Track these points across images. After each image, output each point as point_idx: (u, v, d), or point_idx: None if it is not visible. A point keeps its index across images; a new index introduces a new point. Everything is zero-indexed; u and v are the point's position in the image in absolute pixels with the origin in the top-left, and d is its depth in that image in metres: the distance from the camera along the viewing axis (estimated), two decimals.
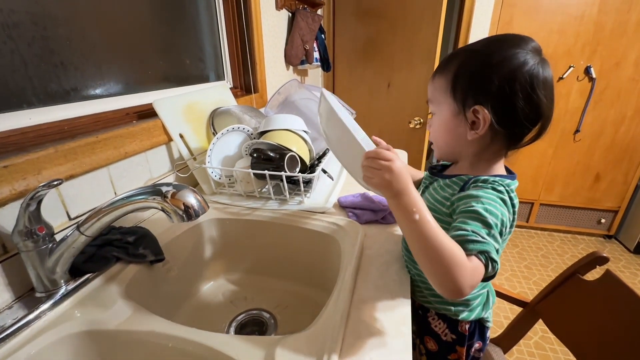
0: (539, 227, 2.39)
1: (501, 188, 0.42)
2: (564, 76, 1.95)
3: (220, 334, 0.42)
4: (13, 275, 0.45)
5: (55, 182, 0.39)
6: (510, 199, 0.43)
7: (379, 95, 2.09)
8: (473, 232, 0.37)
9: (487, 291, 0.56)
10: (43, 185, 0.39)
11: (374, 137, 0.59)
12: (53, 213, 0.51)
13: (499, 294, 0.91)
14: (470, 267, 0.35)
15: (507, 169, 0.50)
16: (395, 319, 0.44)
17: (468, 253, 0.36)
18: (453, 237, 0.37)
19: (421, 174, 0.64)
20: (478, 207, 0.39)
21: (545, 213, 2.34)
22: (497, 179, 0.44)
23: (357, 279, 0.52)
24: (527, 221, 2.38)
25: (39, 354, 0.40)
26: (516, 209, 0.44)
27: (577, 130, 2.06)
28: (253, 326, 0.66)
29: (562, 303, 0.79)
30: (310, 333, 0.41)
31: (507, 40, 0.43)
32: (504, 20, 1.94)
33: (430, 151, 2.08)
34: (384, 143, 0.58)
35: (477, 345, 0.56)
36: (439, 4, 1.70)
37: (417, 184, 0.61)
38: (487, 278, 0.38)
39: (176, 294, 0.65)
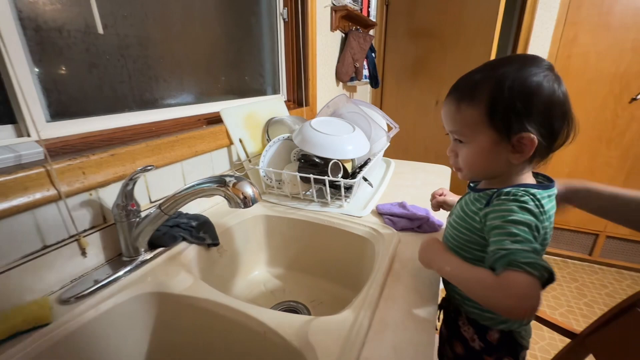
0: (604, 262, 2.13)
1: (525, 198, 0.43)
2: (638, 97, 1.78)
3: (265, 309, 0.48)
4: (108, 241, 0.57)
5: (148, 168, 0.50)
6: (539, 206, 0.43)
7: (426, 112, 2.10)
8: (497, 250, 0.40)
9: None
10: (140, 169, 0.50)
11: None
12: (139, 195, 0.62)
13: (546, 322, 0.85)
14: (499, 284, 0.37)
15: (545, 177, 0.50)
16: (421, 315, 0.47)
17: (498, 273, 0.38)
18: (489, 263, 0.40)
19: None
20: (498, 221, 0.42)
21: (612, 247, 2.09)
22: (520, 190, 0.44)
23: (387, 277, 0.55)
24: (590, 254, 2.15)
25: (121, 305, 0.50)
26: (547, 216, 0.44)
27: None
28: None
29: (618, 338, 0.73)
30: (341, 316, 0.46)
31: (529, 60, 0.44)
32: (567, 38, 1.85)
33: None
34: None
35: None
36: (494, 22, 1.68)
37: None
38: (546, 282, 0.37)
39: (225, 277, 0.73)
